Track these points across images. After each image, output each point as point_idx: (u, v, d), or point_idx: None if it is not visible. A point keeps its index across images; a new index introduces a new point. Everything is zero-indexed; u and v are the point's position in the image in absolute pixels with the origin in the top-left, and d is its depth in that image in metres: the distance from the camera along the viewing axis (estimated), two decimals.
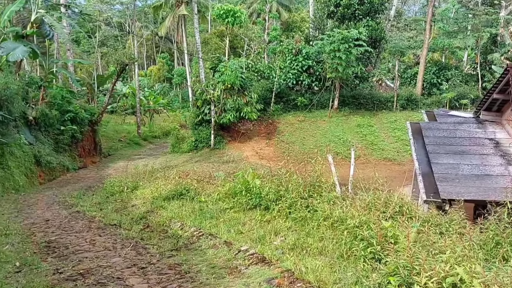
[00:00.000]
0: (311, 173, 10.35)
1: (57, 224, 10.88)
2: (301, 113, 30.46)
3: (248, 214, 9.95)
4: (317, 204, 9.33)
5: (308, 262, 7.08)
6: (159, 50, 66.26)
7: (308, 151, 26.32)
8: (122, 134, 35.29)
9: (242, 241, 8.49)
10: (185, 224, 9.91)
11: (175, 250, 8.46)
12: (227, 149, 25.92)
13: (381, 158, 25.51)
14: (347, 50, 27.32)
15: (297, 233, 8.64)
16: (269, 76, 31.92)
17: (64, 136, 22.77)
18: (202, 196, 11.63)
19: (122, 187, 14.55)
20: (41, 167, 19.80)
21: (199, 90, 26.76)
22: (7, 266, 7.78)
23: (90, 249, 8.73)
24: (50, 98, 22.99)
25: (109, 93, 28.59)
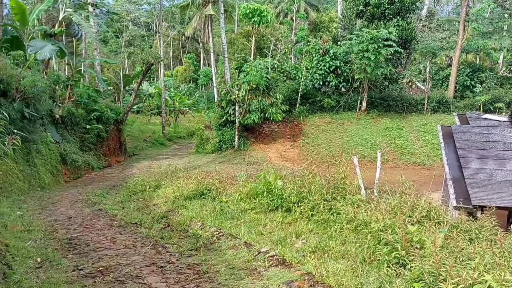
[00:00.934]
0: (335, 175, 10.23)
1: (79, 221, 11.07)
2: (327, 114, 30.26)
3: (269, 216, 9.91)
4: (340, 206, 9.22)
5: (330, 266, 6.99)
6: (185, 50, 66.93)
7: (334, 154, 26.03)
8: (147, 134, 35.74)
9: (262, 243, 8.45)
10: (206, 224, 9.94)
11: (194, 250, 8.48)
12: (251, 150, 25.94)
13: (410, 162, 25.12)
14: (376, 51, 27.01)
15: (319, 236, 8.56)
16: (295, 76, 31.84)
17: (89, 135, 23.19)
18: (223, 197, 11.66)
19: (144, 186, 14.73)
20: (66, 165, 20.21)
21: (224, 91, 26.91)
22: (29, 262, 7.94)
23: (110, 247, 8.84)
24: (77, 97, 23.46)
25: (134, 92, 28.99)
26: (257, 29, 38.52)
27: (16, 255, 8.11)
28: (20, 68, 17.35)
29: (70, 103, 22.39)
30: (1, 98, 15.68)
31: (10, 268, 7.08)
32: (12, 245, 8.45)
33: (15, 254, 8.10)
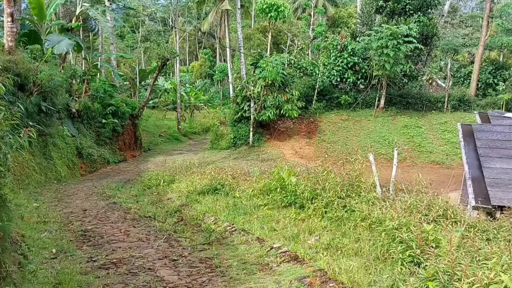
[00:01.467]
0: (350, 173, 10.24)
1: (94, 214, 11.28)
2: (344, 111, 30.13)
3: (282, 212, 9.97)
4: (355, 204, 9.24)
5: (342, 263, 7.03)
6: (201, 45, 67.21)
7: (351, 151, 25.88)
8: (163, 129, 36.03)
9: (275, 239, 8.52)
10: (219, 219, 10.05)
11: (207, 244, 8.59)
12: (265, 147, 25.98)
13: (428, 161, 24.91)
14: (396, 47, 26.78)
15: (332, 233, 8.60)
16: (312, 73, 31.74)
17: (105, 129, 23.49)
18: (236, 192, 11.77)
19: (159, 180, 14.92)
20: (82, 159, 20.53)
21: (239, 87, 26.97)
22: (44, 252, 8.13)
23: (124, 240, 8.99)
24: (93, 91, 23.78)
25: (150, 88, 29.25)
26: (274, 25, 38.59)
27: (32, 245, 8.31)
28: (37, 62, 17.63)
29: (86, 97, 22.70)
30: (19, 91, 15.98)
31: (26, 258, 7.26)
32: (28, 235, 8.65)
33: (31, 245, 8.30)
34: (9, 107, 5.99)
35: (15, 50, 16.98)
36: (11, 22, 16.67)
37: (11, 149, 5.71)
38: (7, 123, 5.77)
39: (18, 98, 15.66)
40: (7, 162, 5.73)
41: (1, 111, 5.56)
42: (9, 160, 5.75)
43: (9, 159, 5.73)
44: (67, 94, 21.09)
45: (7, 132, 5.74)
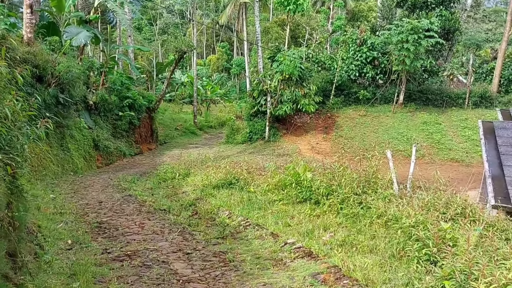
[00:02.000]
0: (367, 169, 10.18)
1: (109, 206, 11.42)
2: (362, 107, 29.95)
3: (297, 208, 9.97)
4: (371, 201, 9.19)
5: (357, 260, 7.02)
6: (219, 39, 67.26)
7: (368, 147, 25.88)
8: (179, 122, 36.23)
9: (289, 234, 8.53)
10: (233, 213, 10.09)
11: (221, 238, 8.64)
12: (281, 142, 25.97)
13: (447, 158, 24.68)
14: (416, 42, 26.52)
15: (347, 230, 8.57)
16: (330, 67, 31.58)
17: (122, 121, 23.71)
18: (251, 187, 11.78)
19: (174, 174, 15.04)
20: (99, 151, 20.77)
21: (256, 80, 26.97)
22: (60, 243, 8.26)
23: (138, 232, 9.09)
24: (110, 83, 24.00)
25: (166, 81, 29.41)
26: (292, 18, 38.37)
27: (48, 236, 8.45)
28: (56, 54, 17.85)
29: (103, 89, 22.92)
30: (37, 83, 16.20)
31: (42, 249, 7.40)
32: (44, 226, 8.80)
33: (47, 236, 8.44)
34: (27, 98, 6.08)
35: (34, 42, 17.20)
36: (30, 13, 16.89)
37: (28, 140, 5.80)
38: (24, 114, 5.87)
39: (36, 89, 15.88)
40: (24, 153, 5.83)
41: (19, 102, 5.65)
42: (26, 151, 5.85)
43: (26, 150, 5.83)
44: (84, 86, 21.31)
45: (24, 123, 5.84)
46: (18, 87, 5.94)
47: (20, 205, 5.81)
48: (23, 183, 6.10)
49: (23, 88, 6.13)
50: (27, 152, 6.00)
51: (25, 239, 5.79)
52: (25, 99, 5.98)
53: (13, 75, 5.84)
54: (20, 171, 5.71)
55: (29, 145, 6.48)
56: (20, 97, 5.83)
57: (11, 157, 5.26)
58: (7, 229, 5.30)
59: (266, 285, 6.39)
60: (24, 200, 6.34)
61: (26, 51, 16.20)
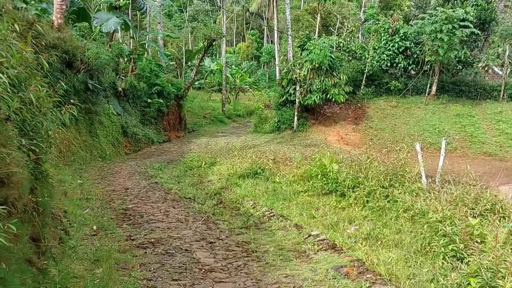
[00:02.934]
0: (395, 162, 9.98)
1: (135, 193, 11.56)
2: (393, 98, 29.41)
3: (322, 199, 9.87)
4: (398, 194, 9.01)
5: (381, 254, 6.91)
6: (249, 27, 67.01)
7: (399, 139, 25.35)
8: (207, 110, 36.39)
9: (313, 226, 8.46)
10: (257, 203, 10.06)
11: (244, 228, 8.63)
12: (310, 132, 25.78)
13: (480, 152, 24.11)
14: (451, 32, 25.82)
15: (373, 223, 8.44)
16: (361, 56, 31.07)
17: (150, 109, 23.95)
18: (276, 177, 11.71)
19: (200, 162, 15.09)
20: (127, 137, 21.05)
21: (285, 69, 26.76)
22: (85, 229, 8.40)
23: (163, 220, 9.17)
24: (139, 70, 24.22)
25: (195, 68, 29.50)
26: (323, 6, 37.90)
27: (74, 221, 8.61)
28: (85, 40, 18.08)
29: (132, 76, 23.16)
30: (67, 69, 16.44)
31: (67, 234, 7.54)
32: (70, 211, 8.97)
33: (73, 221, 8.60)
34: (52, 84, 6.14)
35: (64, 28, 17.45)
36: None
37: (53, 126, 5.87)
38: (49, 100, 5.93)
39: (65, 75, 16.14)
40: (49, 139, 5.91)
41: (44, 88, 5.71)
42: (50, 137, 5.93)
43: (50, 136, 5.91)
44: (113, 72, 21.58)
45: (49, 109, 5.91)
46: (43, 73, 6.00)
47: (44, 190, 5.90)
48: (48, 169, 6.20)
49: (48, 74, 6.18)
50: (52, 138, 6.09)
51: (49, 224, 5.89)
52: (50, 85, 6.03)
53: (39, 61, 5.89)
54: (44, 156, 5.80)
55: (57, 130, 6.57)
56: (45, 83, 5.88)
57: (35, 143, 5.33)
58: (31, 214, 5.39)
59: (288, 277, 6.35)
60: (49, 186, 6.45)
61: (56, 37, 16.42)
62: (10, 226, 3.68)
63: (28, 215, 5.27)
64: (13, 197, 4.67)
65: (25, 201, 5.14)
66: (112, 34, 23.26)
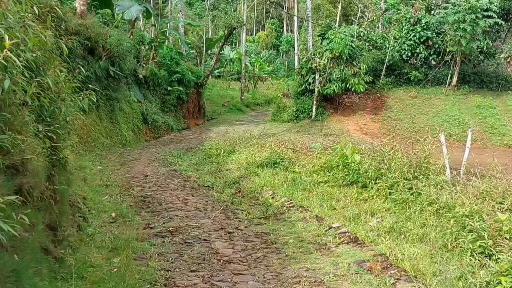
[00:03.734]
0: (419, 153, 9.57)
1: (154, 180, 11.35)
2: (413, 88, 28.69)
3: (343, 190, 9.53)
4: (422, 187, 8.63)
5: (406, 249, 6.59)
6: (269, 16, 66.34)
7: (418, 130, 24.91)
8: (226, 99, 36.09)
9: (334, 218, 8.14)
10: (277, 194, 9.75)
11: (263, 218, 8.35)
12: (328, 121, 25.31)
13: (500, 144, 23.46)
14: (474, 22, 24.98)
15: (396, 216, 8.09)
16: (381, 46, 30.35)
17: (170, 96, 23.74)
18: (296, 167, 11.35)
19: (219, 150, 14.81)
20: (147, 124, 20.89)
21: (305, 58, 26.25)
22: (104, 216, 8.23)
23: (181, 208, 8.94)
24: (160, 58, 24.00)
25: (215, 56, 29.18)
26: None
27: (93, 208, 8.44)
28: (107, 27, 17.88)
29: (153, 64, 22.93)
30: (89, 55, 16.28)
31: (86, 221, 7.35)
32: (89, 198, 8.80)
33: (92, 208, 8.43)
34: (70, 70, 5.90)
35: (87, 14, 17.27)
36: None
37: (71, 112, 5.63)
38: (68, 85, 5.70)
39: (87, 62, 15.98)
40: (67, 125, 5.69)
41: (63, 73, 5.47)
42: (69, 123, 5.70)
43: (69, 122, 5.68)
44: (134, 60, 21.39)
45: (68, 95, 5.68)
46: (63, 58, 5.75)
47: (62, 178, 5.70)
48: (66, 156, 5.99)
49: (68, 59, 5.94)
50: (70, 124, 5.86)
51: (67, 212, 5.69)
52: (69, 70, 5.78)
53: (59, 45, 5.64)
54: (62, 143, 5.58)
55: (78, 116, 6.35)
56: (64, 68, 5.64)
57: (53, 130, 5.10)
58: (48, 202, 5.19)
59: (309, 271, 6.07)
60: (67, 173, 6.24)
61: (78, 23, 16.24)
62: (23, 216, 3.45)
63: (45, 203, 5.07)
64: (28, 185, 4.45)
65: (42, 189, 4.93)
66: (134, 22, 23.03)
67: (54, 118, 5.24)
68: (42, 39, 5.25)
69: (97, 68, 16.19)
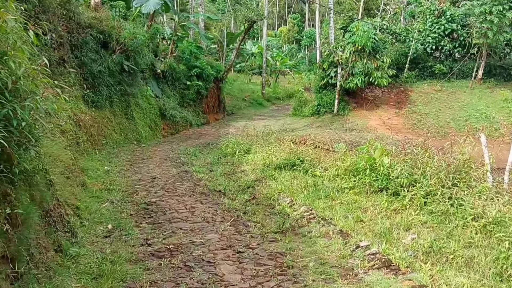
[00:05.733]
0: (458, 156, 7.97)
1: (162, 183, 10.01)
2: (438, 82, 26.77)
3: (371, 198, 8.00)
4: (463, 196, 7.10)
5: (451, 277, 5.12)
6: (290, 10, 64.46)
7: (444, 125, 23.16)
8: (247, 93, 34.68)
9: (361, 233, 6.68)
10: (295, 201, 8.28)
11: (279, 233, 6.94)
12: (351, 116, 23.69)
13: None
14: (501, 13, 22.96)
15: (434, 232, 6.58)
16: (405, 39, 28.45)
17: (189, 91, 22.48)
18: (317, 170, 9.79)
19: (235, 149, 13.37)
20: (165, 120, 19.68)
21: (327, 51, 24.60)
22: (99, 228, 6.97)
23: (187, 218, 7.59)
24: (179, 52, 22.72)
25: (235, 51, 27.78)
26: None
27: (87, 219, 7.20)
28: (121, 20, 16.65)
29: (172, 58, 21.68)
30: (102, 49, 15.09)
31: (74, 236, 6.09)
32: (85, 207, 7.55)
33: (86, 218, 7.20)
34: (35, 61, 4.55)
35: (101, 7, 16.08)
36: None
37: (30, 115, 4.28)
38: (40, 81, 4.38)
39: (100, 56, 14.78)
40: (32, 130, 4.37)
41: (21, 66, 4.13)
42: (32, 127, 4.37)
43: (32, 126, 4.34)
44: (152, 54, 20.15)
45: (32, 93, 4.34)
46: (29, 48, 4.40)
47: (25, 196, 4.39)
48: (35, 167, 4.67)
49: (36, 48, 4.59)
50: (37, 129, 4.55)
51: (29, 238, 4.38)
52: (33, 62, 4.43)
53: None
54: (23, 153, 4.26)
55: (87, 112, 5.06)
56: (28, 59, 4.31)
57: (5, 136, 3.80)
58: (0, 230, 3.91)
59: None
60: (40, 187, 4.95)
61: (92, 16, 15.08)
62: None
63: None
64: None
65: None
66: (152, 16, 21.73)
67: (8, 123, 3.93)
68: None
69: (110, 63, 14.97)
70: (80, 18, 14.20)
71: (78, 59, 13.96)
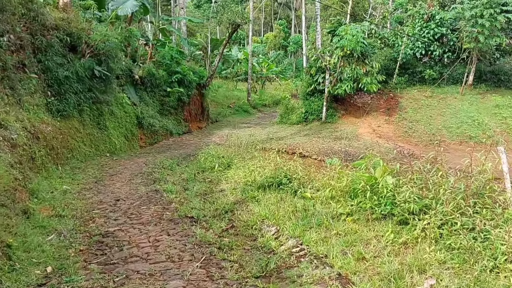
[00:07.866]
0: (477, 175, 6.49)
1: (125, 207, 8.33)
2: (428, 87, 25.49)
3: (374, 228, 6.46)
4: (489, 227, 5.62)
5: None
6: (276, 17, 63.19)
7: (436, 132, 21.90)
8: (232, 100, 33.11)
9: (365, 278, 5.16)
10: (282, 232, 6.69)
11: (262, 277, 5.38)
12: (339, 123, 22.24)
13: None
14: (492, 17, 21.80)
15: (457, 275, 5.09)
16: (394, 44, 27.15)
17: (170, 98, 20.81)
18: (308, 190, 8.19)
19: (214, 163, 11.73)
20: (143, 129, 18.00)
21: (314, 56, 23.13)
22: (34, 273, 5.36)
23: (147, 257, 5.97)
24: (159, 57, 21.10)
25: (219, 56, 26.21)
26: None
27: (21, 259, 5.56)
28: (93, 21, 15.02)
29: (151, 63, 20.03)
30: (70, 52, 13.44)
31: None
32: (21, 243, 5.91)
33: (20, 259, 5.55)
34: None
35: (70, 7, 14.45)
36: None
37: None
38: None
39: (68, 60, 13.13)
40: None
41: None
42: None
43: None
44: (130, 59, 18.51)
45: None
46: None
47: None
48: None
49: None
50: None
51: None
52: None
53: None
54: None
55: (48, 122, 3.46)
56: None
57: None
58: None
59: None
60: None
61: (59, 17, 13.45)
62: None
63: None
64: None
65: None
66: (131, 18, 20.09)
67: None
68: None
69: (79, 67, 13.30)
70: (45, 18, 12.57)
71: (42, 64, 12.32)
